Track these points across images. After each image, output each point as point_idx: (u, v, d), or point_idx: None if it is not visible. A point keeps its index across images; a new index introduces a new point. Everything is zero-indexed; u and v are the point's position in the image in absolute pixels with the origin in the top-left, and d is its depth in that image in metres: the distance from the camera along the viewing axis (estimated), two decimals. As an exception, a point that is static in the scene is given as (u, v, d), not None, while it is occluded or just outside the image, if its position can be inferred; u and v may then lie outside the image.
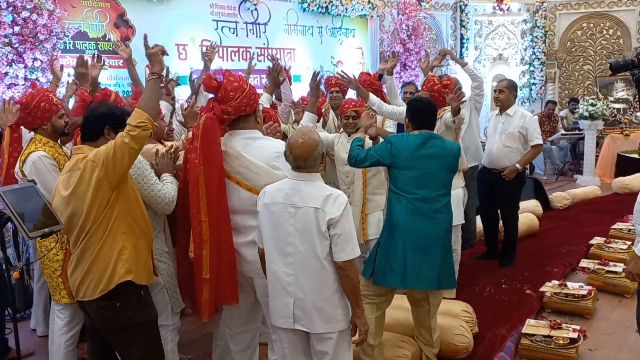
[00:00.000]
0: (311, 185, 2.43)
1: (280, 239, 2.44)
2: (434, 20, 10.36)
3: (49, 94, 3.24)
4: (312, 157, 2.42)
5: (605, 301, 4.40)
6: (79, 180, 2.41)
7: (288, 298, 2.45)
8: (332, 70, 8.79)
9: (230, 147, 2.73)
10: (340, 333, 2.46)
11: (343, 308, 2.46)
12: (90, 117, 2.57)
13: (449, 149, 3.18)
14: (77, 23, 5.83)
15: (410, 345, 3.37)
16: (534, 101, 10.79)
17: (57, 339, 3.14)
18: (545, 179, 9.09)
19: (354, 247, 2.40)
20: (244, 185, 2.70)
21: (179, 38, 6.75)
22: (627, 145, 9.01)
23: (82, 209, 2.43)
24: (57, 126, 3.18)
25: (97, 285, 2.46)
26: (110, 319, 2.50)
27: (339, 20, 8.87)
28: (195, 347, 3.84)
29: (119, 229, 2.47)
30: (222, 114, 2.69)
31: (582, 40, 10.53)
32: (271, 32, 7.81)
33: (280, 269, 2.45)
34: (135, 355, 2.55)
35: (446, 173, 3.15)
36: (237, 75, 2.79)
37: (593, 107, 8.54)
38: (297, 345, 2.55)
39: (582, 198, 7.69)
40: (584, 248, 5.52)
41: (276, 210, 2.44)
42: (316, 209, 2.36)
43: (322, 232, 2.36)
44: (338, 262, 2.39)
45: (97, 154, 2.42)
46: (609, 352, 3.64)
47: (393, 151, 3.11)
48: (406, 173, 3.08)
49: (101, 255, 2.46)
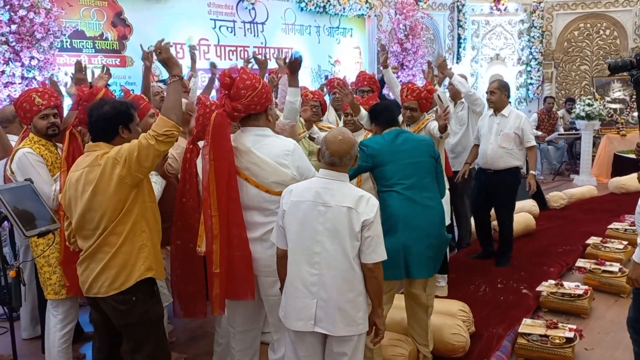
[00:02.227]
0: (342, 184, 2.41)
1: (307, 238, 2.39)
2: (432, 20, 10.37)
3: (34, 94, 3.18)
4: (349, 155, 2.41)
5: (601, 301, 4.42)
6: (100, 176, 2.40)
7: (310, 299, 2.39)
8: (330, 70, 8.81)
9: (241, 143, 2.73)
10: (359, 336, 2.44)
11: (364, 311, 2.43)
12: (99, 119, 2.49)
13: (421, 138, 3.33)
14: (74, 22, 5.82)
15: (407, 344, 3.37)
16: (531, 101, 10.82)
17: (51, 336, 3.15)
18: (542, 179, 9.10)
19: (384, 250, 2.40)
20: (252, 181, 2.69)
21: (176, 37, 6.74)
22: (623, 145, 9.03)
23: (101, 205, 2.41)
24: (39, 127, 3.14)
25: (114, 281, 2.46)
26: (126, 314, 2.50)
27: (336, 20, 8.88)
28: (193, 345, 3.84)
29: (139, 226, 2.48)
30: (232, 110, 2.70)
31: (579, 41, 10.56)
32: (269, 31, 7.82)
33: (304, 268, 2.40)
34: (146, 350, 2.55)
35: (428, 158, 3.21)
36: (251, 74, 2.78)
37: (590, 107, 8.56)
38: (315, 348, 2.48)
39: (579, 198, 7.70)
40: (580, 248, 5.53)
41: (305, 209, 2.39)
42: (349, 208, 2.34)
43: (354, 232, 2.34)
44: (368, 264, 2.37)
45: (120, 151, 2.42)
46: (605, 351, 3.66)
47: (370, 152, 3.14)
48: (390, 166, 3.12)
49: (121, 252, 2.45)
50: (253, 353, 2.98)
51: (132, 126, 2.55)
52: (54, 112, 3.19)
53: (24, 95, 3.21)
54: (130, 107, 2.56)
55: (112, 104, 2.53)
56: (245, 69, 2.82)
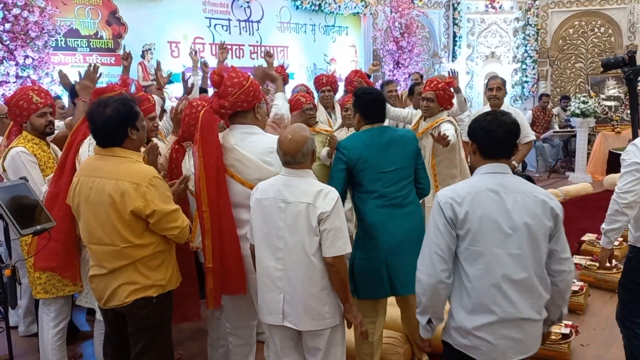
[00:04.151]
0: (302, 180, 2.44)
1: (270, 234, 2.45)
2: (427, 18, 10.39)
3: (31, 92, 3.16)
4: (300, 153, 2.42)
5: (596, 297, 4.44)
6: (121, 198, 2.32)
7: (278, 293, 2.45)
8: (325, 68, 8.81)
9: (226, 140, 2.76)
10: (332, 329, 2.47)
11: (331, 305, 2.45)
12: (106, 125, 2.36)
13: (406, 139, 3.05)
14: (68, 20, 5.81)
15: (403, 342, 3.37)
16: (526, 99, 10.85)
17: (45, 334, 3.15)
18: (537, 176, 9.13)
19: (345, 243, 2.40)
20: (238, 178, 2.72)
21: (171, 35, 6.74)
22: (618, 142, 9.05)
23: (118, 221, 2.34)
24: (36, 125, 3.14)
25: (133, 293, 2.40)
26: (146, 316, 2.44)
27: (332, 18, 8.88)
28: (190, 344, 3.84)
29: (161, 240, 2.44)
30: (219, 108, 2.73)
31: (574, 38, 10.58)
32: (264, 29, 7.81)
33: (270, 264, 2.46)
34: (155, 351, 2.51)
35: (410, 162, 3.01)
36: (240, 72, 2.80)
37: (585, 105, 8.58)
38: (289, 342, 2.55)
39: (574, 195, 7.72)
40: (575, 244, 5.53)
41: (267, 205, 2.45)
42: (307, 204, 2.37)
43: (312, 227, 2.36)
44: (327, 258, 2.38)
45: (152, 194, 2.33)
46: (600, 347, 3.67)
47: (349, 154, 2.93)
48: (367, 170, 2.93)
49: (141, 265, 2.40)
50: (250, 349, 3.00)
51: (138, 124, 2.44)
52: (50, 111, 3.19)
53: (20, 93, 3.19)
54: (133, 105, 2.44)
55: (114, 107, 2.36)
56: (235, 68, 2.83)
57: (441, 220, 2.07)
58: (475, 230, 2.02)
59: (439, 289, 2.11)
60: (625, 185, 2.73)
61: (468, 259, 2.06)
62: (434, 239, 2.08)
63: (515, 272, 2.02)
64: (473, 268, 2.05)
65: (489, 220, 2.03)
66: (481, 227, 2.02)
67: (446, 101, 4.17)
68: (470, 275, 2.05)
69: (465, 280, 2.07)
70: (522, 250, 2.02)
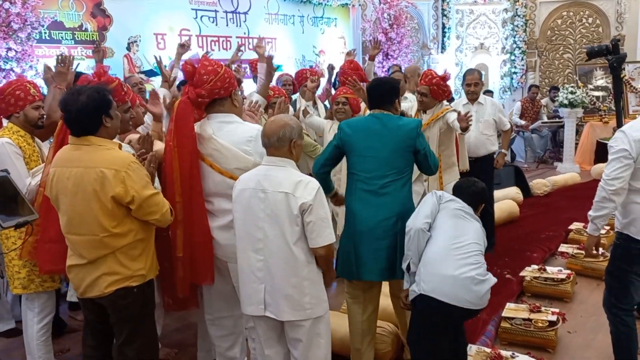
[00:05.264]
0: (282, 170, 2.43)
1: (251, 224, 2.44)
2: (416, 9, 10.37)
3: (28, 84, 3.18)
4: (276, 136, 2.41)
5: (583, 285, 4.47)
6: (101, 187, 2.31)
7: (258, 284, 2.45)
8: (315, 60, 8.77)
9: (204, 129, 2.73)
10: (313, 320, 2.46)
11: (312, 296, 2.44)
12: (80, 114, 2.34)
13: (401, 126, 2.95)
14: (52, 12, 5.73)
15: (389, 332, 3.35)
16: (515, 90, 10.88)
17: (29, 330, 3.12)
18: (526, 167, 9.17)
19: (331, 232, 2.40)
20: (216, 168, 2.70)
21: (157, 27, 6.67)
22: (606, 132, 9.09)
23: (96, 212, 2.33)
24: (30, 116, 3.11)
25: (113, 284, 2.39)
26: (127, 306, 2.44)
27: (320, 9, 8.83)
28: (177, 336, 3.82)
29: (140, 228, 2.43)
30: (196, 97, 2.69)
31: (562, 29, 10.61)
32: (252, 21, 7.75)
33: (250, 254, 2.46)
34: (138, 343, 2.50)
35: (393, 150, 2.92)
36: (213, 61, 2.79)
37: (572, 95, 8.61)
38: (271, 333, 2.55)
39: (562, 185, 7.77)
40: (563, 233, 5.58)
41: (247, 196, 2.44)
42: (286, 194, 2.36)
43: (293, 217, 2.35)
44: (316, 249, 2.39)
45: (131, 179, 2.32)
46: (587, 334, 3.70)
47: (342, 135, 3.02)
48: (352, 152, 2.98)
49: (121, 255, 2.39)
50: (235, 339, 2.96)
51: (112, 112, 2.44)
52: (42, 105, 3.21)
53: (17, 83, 3.16)
54: (106, 93, 2.44)
55: (88, 94, 2.35)
56: (207, 57, 2.83)
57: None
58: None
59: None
60: (613, 171, 2.74)
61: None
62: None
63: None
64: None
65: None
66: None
67: (440, 95, 4.19)
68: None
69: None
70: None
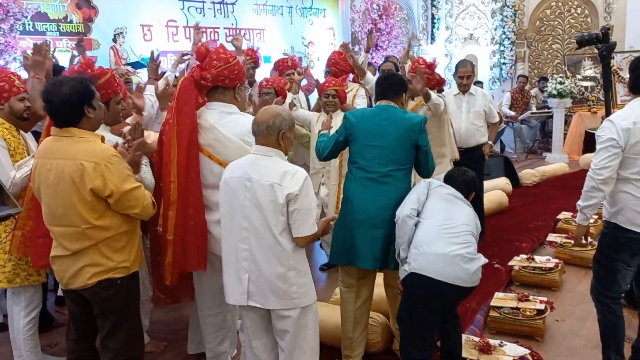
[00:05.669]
0: (269, 160, 2.41)
1: (236, 213, 2.42)
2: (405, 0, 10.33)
3: (12, 76, 3.13)
4: (265, 124, 2.40)
5: (572, 274, 4.49)
6: (80, 180, 2.29)
7: (243, 273, 2.43)
8: (304, 52, 8.72)
9: (204, 119, 2.71)
10: (300, 310, 2.45)
11: (299, 286, 2.43)
12: (62, 105, 2.31)
13: (405, 119, 3.00)
14: (36, 3, 5.64)
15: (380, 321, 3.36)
16: (505, 80, 10.89)
17: (16, 324, 3.09)
18: (515, 157, 9.21)
19: (314, 223, 2.41)
20: (215, 159, 2.68)
21: (143, 18, 6.59)
22: (594, 122, 9.14)
23: (76, 203, 2.31)
24: (15, 108, 3.08)
25: (96, 275, 2.37)
26: (111, 298, 2.41)
27: (309, 0, 8.77)
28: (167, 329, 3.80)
29: (123, 220, 2.40)
30: (200, 78, 2.69)
31: (551, 20, 10.62)
32: (239, 11, 7.68)
33: (236, 243, 2.44)
34: (122, 335, 2.48)
35: (395, 141, 2.97)
36: (228, 51, 2.80)
37: (561, 86, 8.64)
38: (258, 323, 2.54)
39: (551, 175, 7.82)
40: (551, 223, 5.61)
41: (234, 185, 2.42)
42: (272, 184, 2.35)
43: (278, 206, 2.34)
44: (299, 238, 2.38)
45: (111, 173, 2.30)
46: (575, 322, 3.73)
47: (347, 124, 3.06)
48: (358, 143, 3.01)
49: (104, 247, 2.37)
50: (224, 334, 2.97)
51: (94, 102, 2.41)
52: (27, 97, 3.16)
53: (0, 75, 3.10)
54: (89, 83, 2.41)
55: (70, 85, 2.33)
56: (223, 46, 2.83)
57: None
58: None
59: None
60: (601, 161, 2.74)
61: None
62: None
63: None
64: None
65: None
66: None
67: (429, 83, 4.18)
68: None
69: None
70: None
